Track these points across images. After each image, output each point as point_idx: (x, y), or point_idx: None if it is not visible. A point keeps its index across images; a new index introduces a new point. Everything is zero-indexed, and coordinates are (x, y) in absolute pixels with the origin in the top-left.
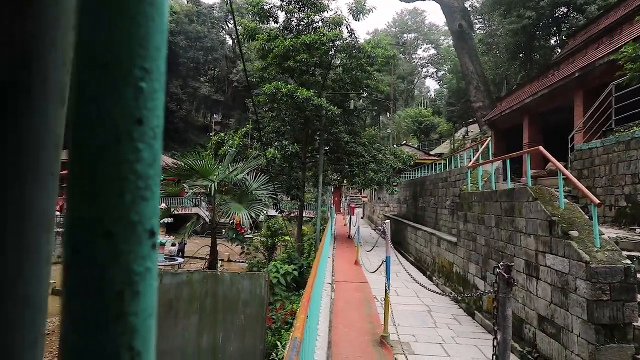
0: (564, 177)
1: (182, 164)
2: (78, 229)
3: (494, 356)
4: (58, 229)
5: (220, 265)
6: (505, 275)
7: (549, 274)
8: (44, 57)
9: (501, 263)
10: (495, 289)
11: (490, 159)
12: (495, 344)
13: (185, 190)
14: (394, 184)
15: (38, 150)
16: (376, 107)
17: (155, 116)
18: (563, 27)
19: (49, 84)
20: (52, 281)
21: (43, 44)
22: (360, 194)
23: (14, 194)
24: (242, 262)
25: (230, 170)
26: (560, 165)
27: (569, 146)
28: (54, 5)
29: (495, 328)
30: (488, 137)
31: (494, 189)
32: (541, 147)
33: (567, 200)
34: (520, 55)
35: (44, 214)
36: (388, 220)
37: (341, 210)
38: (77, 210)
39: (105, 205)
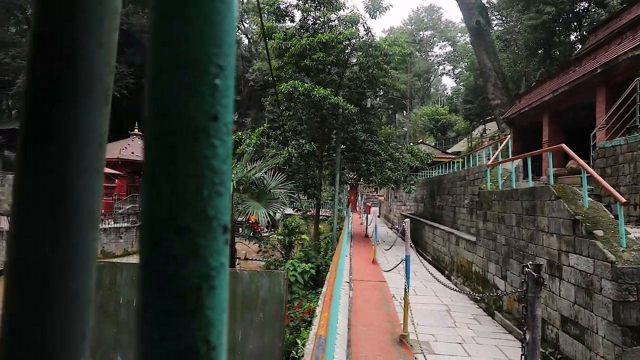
0: (587, 175)
1: None
2: (155, 225)
3: (523, 356)
4: None
5: (238, 264)
6: (535, 274)
7: (573, 274)
8: (90, 57)
9: (530, 262)
10: (524, 288)
11: (510, 157)
12: (523, 344)
13: None
14: (411, 182)
15: (83, 149)
16: (392, 106)
17: (228, 112)
18: (584, 23)
19: (95, 84)
20: None
21: (89, 44)
22: (377, 192)
23: (63, 193)
24: (259, 260)
25: (249, 169)
26: (584, 163)
27: (591, 144)
28: (100, 6)
29: (525, 328)
30: (507, 135)
31: (514, 187)
32: (564, 145)
33: (590, 199)
34: (540, 51)
35: (90, 211)
36: (407, 220)
37: (357, 209)
38: (155, 207)
39: (183, 201)
